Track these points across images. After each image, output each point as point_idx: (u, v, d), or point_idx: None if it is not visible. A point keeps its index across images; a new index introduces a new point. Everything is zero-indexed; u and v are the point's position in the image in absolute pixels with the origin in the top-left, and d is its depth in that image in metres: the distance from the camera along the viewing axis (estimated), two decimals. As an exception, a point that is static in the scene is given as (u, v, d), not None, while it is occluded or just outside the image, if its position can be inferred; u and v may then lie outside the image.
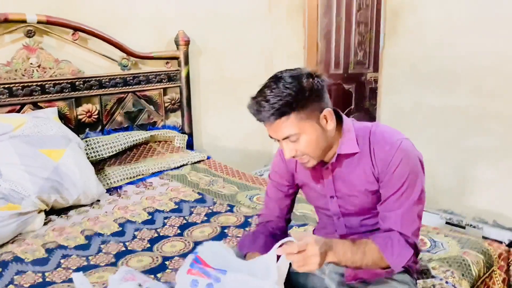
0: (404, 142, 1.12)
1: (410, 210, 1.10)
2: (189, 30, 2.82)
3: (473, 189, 2.68)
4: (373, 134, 1.14)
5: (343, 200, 1.21)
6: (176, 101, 2.85)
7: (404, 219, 1.10)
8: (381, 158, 1.11)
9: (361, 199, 1.18)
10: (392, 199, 1.11)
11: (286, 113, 1.04)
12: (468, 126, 2.61)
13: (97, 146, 2.34)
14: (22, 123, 2.01)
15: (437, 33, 2.65)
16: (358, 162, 1.15)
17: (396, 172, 1.09)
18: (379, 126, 1.18)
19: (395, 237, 1.10)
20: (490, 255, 1.55)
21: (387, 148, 1.11)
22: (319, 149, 1.11)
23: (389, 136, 1.13)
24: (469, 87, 2.57)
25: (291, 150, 1.10)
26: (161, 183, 2.30)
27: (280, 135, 1.08)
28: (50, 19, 2.23)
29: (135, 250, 1.64)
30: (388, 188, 1.11)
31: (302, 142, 1.08)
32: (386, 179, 1.11)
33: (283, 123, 1.06)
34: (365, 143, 1.14)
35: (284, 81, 1.05)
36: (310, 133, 1.08)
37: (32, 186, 1.83)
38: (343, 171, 1.17)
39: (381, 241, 1.09)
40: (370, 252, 1.08)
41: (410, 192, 1.10)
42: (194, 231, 1.78)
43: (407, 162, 1.10)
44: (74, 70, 2.38)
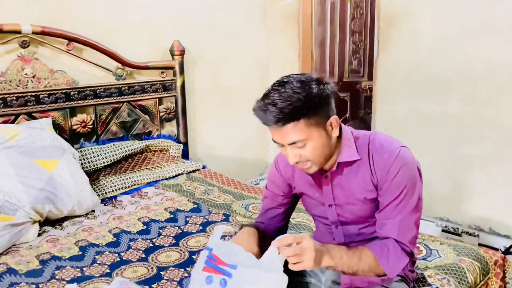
0: (402, 150, 1.12)
1: (407, 218, 1.11)
2: (184, 40, 2.84)
3: (468, 196, 2.68)
4: (372, 142, 1.15)
5: (341, 208, 1.20)
6: (172, 111, 2.85)
7: (401, 227, 1.10)
8: (380, 166, 1.11)
9: (360, 207, 1.18)
10: (390, 207, 1.11)
11: (295, 119, 1.03)
12: (462, 134, 2.62)
13: (92, 156, 2.33)
14: (16, 134, 2.00)
15: (431, 41, 2.67)
16: (357, 170, 1.15)
17: (394, 180, 1.10)
18: (378, 134, 1.18)
19: (391, 244, 1.10)
20: (486, 262, 1.55)
21: (386, 156, 1.11)
22: (323, 156, 1.11)
23: (388, 144, 1.14)
24: (463, 94, 2.58)
25: (296, 155, 1.09)
26: (156, 192, 2.29)
27: (286, 141, 1.07)
28: (45, 29, 2.24)
29: (130, 260, 1.62)
30: (387, 195, 1.11)
31: (308, 148, 1.07)
32: (384, 187, 1.11)
33: (291, 129, 1.04)
34: (364, 151, 1.15)
35: (293, 85, 1.04)
36: (316, 140, 1.07)
37: (26, 196, 1.81)
38: (343, 179, 1.17)
39: (377, 248, 1.09)
40: (366, 258, 1.08)
41: (408, 200, 1.10)
42: (189, 240, 1.77)
43: (406, 170, 1.10)
44: (69, 80, 2.38)
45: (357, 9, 3.83)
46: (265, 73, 3.45)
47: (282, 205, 1.33)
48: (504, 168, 2.50)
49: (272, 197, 1.33)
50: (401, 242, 1.10)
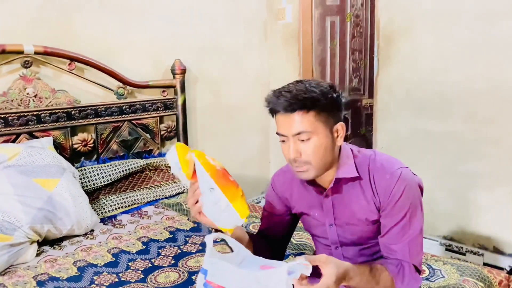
0: (404, 171, 1.11)
1: (415, 240, 1.10)
2: (186, 59, 2.86)
3: (472, 214, 2.65)
4: (373, 162, 1.14)
5: (342, 228, 1.19)
6: (173, 129, 2.86)
7: (412, 249, 1.09)
8: (382, 187, 1.10)
9: (361, 228, 1.16)
10: (395, 230, 1.10)
11: (306, 107, 1.04)
12: (464, 151, 2.61)
13: (92, 175, 2.33)
14: (16, 153, 2.00)
15: (431, 59, 2.68)
16: (358, 189, 1.13)
17: (398, 203, 1.08)
18: (378, 154, 1.17)
19: (407, 265, 1.08)
20: (490, 282, 1.52)
21: (388, 176, 1.10)
22: (323, 159, 1.09)
23: (389, 165, 1.12)
24: (464, 112, 2.58)
25: (296, 151, 1.08)
26: (156, 212, 2.28)
27: (292, 130, 1.06)
28: (47, 49, 2.26)
29: (129, 281, 1.60)
30: (391, 218, 1.10)
31: (311, 144, 1.07)
32: (388, 209, 1.10)
33: (300, 117, 1.05)
34: (364, 171, 1.13)
35: (309, 83, 1.08)
36: (321, 138, 1.07)
37: (25, 216, 1.80)
38: (343, 198, 1.16)
39: (394, 269, 1.08)
40: (383, 281, 1.05)
41: (413, 221, 1.09)
42: (189, 261, 1.75)
43: (409, 192, 1.09)
44: (70, 99, 2.39)
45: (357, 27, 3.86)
46: (266, 92, 3.43)
47: (279, 226, 1.31)
48: (507, 186, 2.47)
49: (269, 218, 1.32)
50: (414, 264, 1.09)
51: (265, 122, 3.47)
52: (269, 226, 1.32)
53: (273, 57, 3.48)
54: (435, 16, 2.62)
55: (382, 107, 2.97)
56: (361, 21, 3.87)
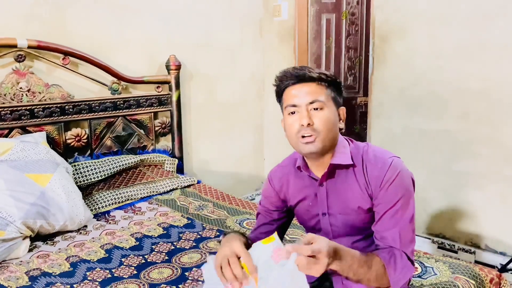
0: (395, 159, 1.14)
1: (406, 228, 1.11)
2: (180, 55, 2.85)
3: (464, 213, 2.67)
4: (366, 153, 1.17)
5: (335, 218, 1.20)
6: (167, 125, 2.85)
7: (402, 237, 1.10)
8: (374, 175, 1.13)
9: (354, 217, 1.17)
10: (387, 216, 1.11)
11: (324, 82, 1.14)
12: (457, 150, 2.63)
13: (85, 171, 2.32)
14: (9, 148, 1.99)
15: (425, 59, 2.69)
16: (352, 177, 1.16)
17: (390, 189, 1.10)
18: (371, 146, 1.21)
19: (398, 252, 1.09)
20: (481, 280, 1.53)
21: (380, 165, 1.13)
22: (330, 133, 1.14)
23: (381, 154, 1.16)
24: (458, 111, 2.59)
25: (309, 117, 1.12)
26: (150, 208, 2.27)
27: (307, 98, 1.12)
28: (41, 44, 2.24)
29: (122, 277, 1.60)
30: (383, 204, 1.11)
31: (323, 115, 1.12)
32: (380, 195, 1.12)
33: (316, 87, 1.13)
34: (358, 160, 1.16)
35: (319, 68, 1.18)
36: (331, 113, 1.14)
37: (17, 211, 1.79)
38: (337, 186, 1.18)
39: (386, 256, 1.08)
40: (375, 267, 1.05)
41: (405, 209, 1.11)
42: (182, 257, 1.75)
43: (401, 178, 1.11)
44: (64, 94, 2.37)
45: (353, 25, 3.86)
46: (261, 89, 3.47)
47: (275, 221, 1.32)
48: (499, 185, 2.49)
49: (265, 213, 1.33)
50: (405, 252, 1.10)
51: (259, 120, 3.47)
52: (264, 222, 1.33)
53: (268, 54, 3.47)
54: (429, 16, 2.63)
55: (377, 105, 2.98)
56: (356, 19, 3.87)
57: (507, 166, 2.45)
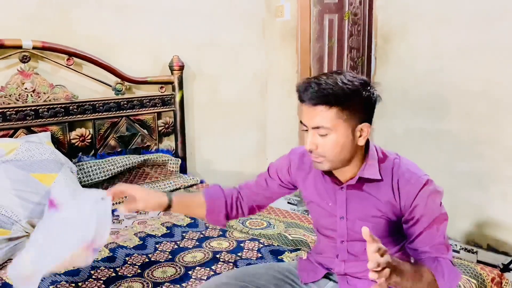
0: (429, 178, 1.13)
1: (443, 238, 1.13)
2: (184, 55, 2.86)
3: (465, 213, 2.68)
4: (397, 166, 1.14)
5: (353, 222, 1.18)
6: (170, 125, 2.86)
7: (443, 247, 1.12)
8: (406, 191, 1.11)
9: (372, 225, 1.15)
10: (423, 236, 1.12)
11: (329, 103, 1.04)
12: (460, 151, 2.63)
13: (90, 171, 2.34)
14: (14, 148, 2.01)
15: (427, 59, 2.70)
16: (377, 188, 1.14)
17: (425, 210, 1.10)
18: (403, 158, 1.18)
19: (443, 260, 1.10)
20: (483, 279, 1.54)
21: (413, 181, 1.11)
22: (339, 156, 1.10)
23: (415, 170, 1.14)
24: (460, 112, 2.60)
25: (313, 143, 1.09)
26: (154, 207, 2.29)
27: (312, 123, 1.08)
28: (46, 44, 2.26)
29: (126, 276, 1.61)
30: (418, 225, 1.12)
31: (329, 140, 1.07)
32: (414, 214, 1.11)
33: (321, 112, 1.05)
34: (387, 174, 1.14)
35: (344, 76, 1.06)
36: (340, 136, 1.07)
37: (22, 210, 1.81)
38: (360, 194, 1.16)
39: (432, 264, 1.08)
40: (426, 276, 1.06)
41: (440, 227, 1.12)
42: (185, 256, 1.77)
43: (435, 198, 1.12)
44: (68, 94, 2.40)
45: (355, 26, 3.86)
46: (263, 89, 3.48)
47: (270, 191, 1.35)
48: (502, 185, 2.50)
49: (266, 179, 1.35)
50: (448, 258, 1.12)
51: (262, 119, 3.48)
52: (260, 185, 1.36)
53: (271, 54, 3.48)
54: (432, 17, 2.64)
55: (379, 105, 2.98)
56: (359, 19, 3.88)
57: (509, 166, 2.46)
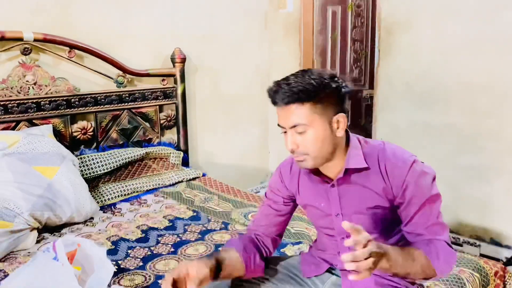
0: (416, 158, 1.12)
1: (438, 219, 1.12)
2: (185, 48, 2.85)
3: (468, 206, 2.67)
4: (382, 152, 1.14)
5: (349, 218, 1.17)
6: (172, 118, 2.86)
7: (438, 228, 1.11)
8: (395, 175, 1.10)
9: (368, 217, 1.16)
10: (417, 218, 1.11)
11: (301, 100, 1.05)
12: (463, 144, 2.62)
13: (91, 163, 2.33)
14: (16, 141, 2.01)
15: (431, 52, 2.67)
16: (367, 178, 1.13)
17: (416, 189, 1.09)
18: (388, 144, 1.17)
19: (437, 242, 1.09)
20: (486, 273, 1.54)
21: (400, 164, 1.10)
22: (322, 151, 1.10)
23: (401, 153, 1.13)
24: (463, 105, 2.58)
25: (294, 142, 1.09)
26: (156, 200, 2.29)
27: (288, 122, 1.08)
28: (47, 37, 2.25)
29: (128, 268, 1.62)
30: (411, 206, 1.10)
31: (308, 136, 1.08)
32: (405, 197, 1.10)
33: (295, 109, 1.06)
34: (373, 161, 1.13)
35: (311, 73, 1.08)
36: (318, 130, 1.08)
37: (25, 203, 1.81)
38: (350, 188, 1.16)
39: (426, 247, 1.08)
40: (419, 259, 1.05)
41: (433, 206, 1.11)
42: (188, 249, 1.77)
43: (425, 178, 1.10)
44: (70, 87, 2.39)
45: (358, 17, 3.84)
46: (266, 82, 3.45)
47: (281, 215, 1.31)
48: (505, 179, 2.48)
49: (271, 205, 1.31)
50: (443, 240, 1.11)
51: (264, 113, 3.47)
52: (269, 213, 1.31)
53: (273, 46, 3.46)
54: (436, 9, 2.61)
55: (382, 98, 2.97)
56: (362, 11, 3.85)
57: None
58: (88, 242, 1.48)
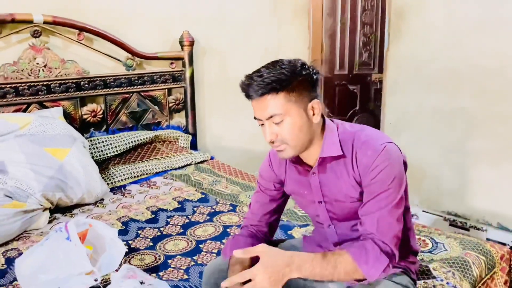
0: (388, 146, 1.09)
1: (388, 214, 1.07)
2: (194, 31, 2.84)
3: (477, 191, 2.67)
4: (357, 139, 1.12)
5: (331, 205, 1.19)
6: (181, 102, 2.87)
7: (381, 222, 1.07)
8: (363, 163, 1.09)
9: (348, 205, 1.16)
10: (371, 203, 1.09)
11: (275, 90, 1.05)
12: (472, 128, 2.61)
13: (101, 146, 2.36)
14: (28, 122, 2.03)
15: (441, 35, 2.64)
16: (343, 166, 1.13)
17: (377, 178, 1.07)
18: (365, 130, 1.15)
19: (369, 245, 1.06)
20: (492, 256, 1.54)
21: (370, 153, 1.08)
22: (300, 138, 1.10)
23: (373, 141, 1.10)
24: (474, 89, 2.56)
25: (272, 133, 1.09)
26: (165, 182, 2.32)
27: (265, 114, 1.08)
28: (56, 19, 2.26)
29: (138, 248, 1.65)
30: (369, 193, 1.09)
31: (285, 125, 1.08)
32: (367, 183, 1.09)
33: (270, 100, 1.07)
34: (348, 149, 1.12)
35: (281, 62, 1.09)
36: (295, 118, 1.08)
37: (37, 184, 1.85)
38: (329, 176, 1.15)
39: (356, 251, 1.05)
40: (342, 265, 1.04)
41: (391, 197, 1.07)
42: (196, 230, 1.80)
43: (390, 167, 1.07)
44: (79, 70, 2.40)
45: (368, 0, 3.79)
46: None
47: (274, 200, 1.31)
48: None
49: (264, 191, 1.32)
50: (381, 240, 1.07)
51: (273, 96, 3.45)
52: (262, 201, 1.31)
53: (282, 29, 3.44)
54: (448, -10, 2.57)
55: (391, 82, 2.95)
56: (372, -6, 3.79)
57: (522, 145, 2.43)
58: (99, 223, 1.51)
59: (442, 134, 2.73)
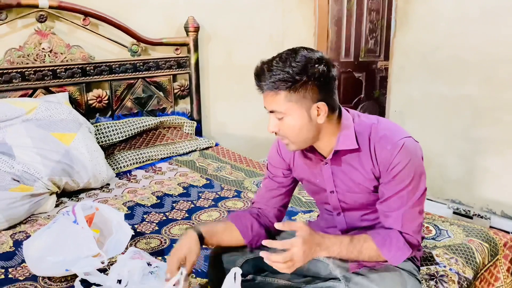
0: (407, 142, 1.09)
1: (411, 209, 1.10)
2: (199, 16, 2.82)
3: (481, 179, 2.67)
4: (374, 131, 1.12)
5: (343, 195, 1.19)
6: (186, 88, 2.87)
7: (405, 218, 1.10)
8: (383, 158, 1.09)
9: (361, 196, 1.17)
10: (393, 199, 1.10)
11: (277, 88, 1.05)
12: (478, 116, 2.60)
13: (107, 131, 2.37)
14: (34, 107, 2.05)
15: (448, 22, 2.62)
16: (357, 159, 1.13)
17: (399, 174, 1.08)
18: (381, 123, 1.14)
19: (395, 236, 1.09)
20: (495, 243, 1.55)
21: (389, 147, 1.08)
22: (300, 137, 1.10)
23: (391, 135, 1.10)
24: (480, 77, 2.54)
25: (275, 126, 1.11)
26: (170, 168, 2.33)
27: (268, 107, 1.10)
28: (62, 4, 2.25)
29: (144, 232, 1.67)
30: (390, 188, 1.10)
31: (286, 123, 1.09)
32: (387, 179, 1.10)
33: (271, 96, 1.07)
34: (364, 142, 1.12)
35: (295, 56, 1.05)
36: (295, 118, 1.07)
37: (44, 168, 1.87)
38: (343, 168, 1.16)
39: (380, 239, 1.09)
40: (367, 251, 1.08)
41: (413, 193, 1.09)
42: (201, 215, 1.81)
43: (411, 164, 1.08)
44: (85, 55, 2.40)
45: (375, -14, 3.75)
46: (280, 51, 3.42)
47: (282, 186, 1.31)
48: (519, 152, 2.47)
49: (272, 178, 1.32)
50: (406, 232, 1.10)
51: (278, 83, 3.44)
52: (272, 187, 1.31)
53: (287, 16, 3.41)
54: (456, -24, 2.54)
55: (397, 69, 2.94)
56: (379, -20, 3.75)
57: (528, 133, 2.42)
58: (106, 207, 1.52)
59: (448, 122, 2.72)
